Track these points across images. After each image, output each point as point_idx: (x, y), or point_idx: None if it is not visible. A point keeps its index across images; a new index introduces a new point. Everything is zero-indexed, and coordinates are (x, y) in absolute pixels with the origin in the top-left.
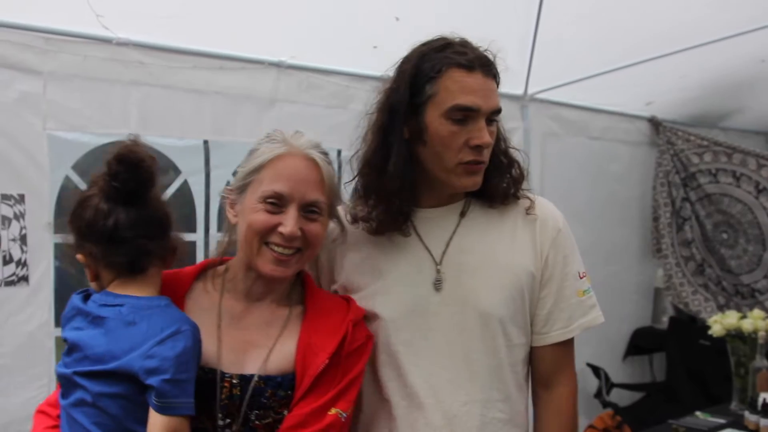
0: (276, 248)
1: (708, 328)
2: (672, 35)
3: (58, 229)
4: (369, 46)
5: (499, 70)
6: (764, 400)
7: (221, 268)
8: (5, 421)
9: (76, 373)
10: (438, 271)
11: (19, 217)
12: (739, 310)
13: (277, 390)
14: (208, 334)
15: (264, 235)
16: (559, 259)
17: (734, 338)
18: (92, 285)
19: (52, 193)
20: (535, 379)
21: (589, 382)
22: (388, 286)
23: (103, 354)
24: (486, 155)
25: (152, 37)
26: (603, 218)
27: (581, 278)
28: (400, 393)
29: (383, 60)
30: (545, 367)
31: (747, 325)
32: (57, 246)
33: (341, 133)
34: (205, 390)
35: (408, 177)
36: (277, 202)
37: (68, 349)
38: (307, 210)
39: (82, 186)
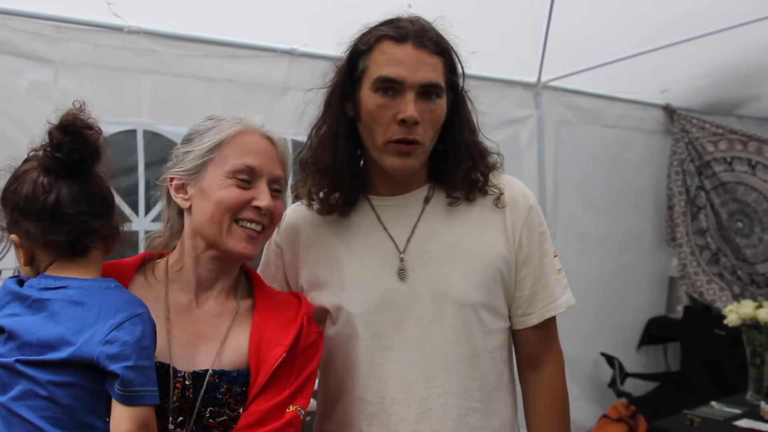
0: (248, 224)
1: (723, 317)
2: (687, 22)
3: None
4: None
5: (454, 47)
6: None
7: (162, 260)
8: None
9: (18, 361)
10: (401, 260)
11: None
12: (754, 299)
13: (232, 386)
14: (157, 327)
15: (236, 211)
16: (535, 238)
17: (750, 328)
18: (24, 270)
19: None
20: (521, 362)
21: (603, 372)
22: (353, 279)
23: (49, 339)
24: (420, 134)
25: (163, 25)
26: (617, 207)
27: (555, 257)
28: (372, 389)
29: None
30: (531, 348)
31: (763, 314)
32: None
33: None
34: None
35: (339, 152)
36: (247, 178)
37: (5, 337)
38: (272, 187)
39: None
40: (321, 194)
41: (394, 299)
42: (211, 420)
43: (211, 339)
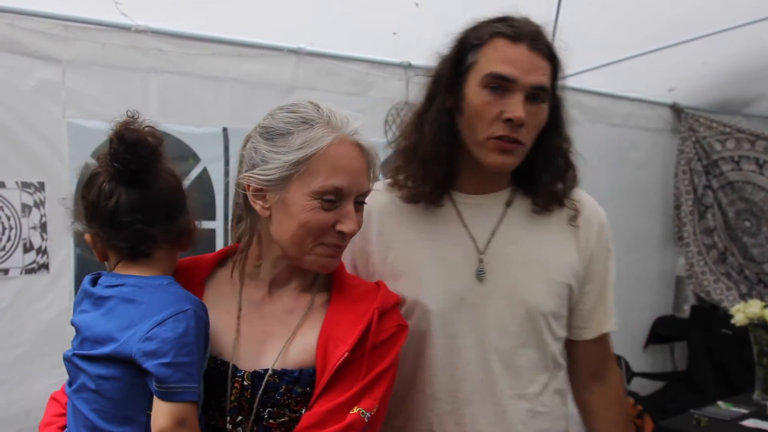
0: (331, 246)
1: (730, 317)
2: (694, 21)
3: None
4: (388, 33)
5: (560, 55)
6: None
7: (240, 254)
8: (26, 408)
9: (76, 355)
10: (480, 261)
11: (39, 205)
12: (761, 298)
13: (293, 386)
14: (226, 324)
15: (320, 236)
16: (603, 254)
17: (757, 327)
18: (106, 265)
19: (72, 180)
20: (585, 374)
21: None
22: (432, 275)
23: (101, 335)
24: (523, 135)
25: (171, 25)
26: (624, 206)
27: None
28: (446, 388)
29: (402, 47)
30: (593, 359)
31: None
32: (77, 233)
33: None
34: (216, 385)
35: (443, 145)
36: (334, 198)
37: (76, 333)
38: (357, 200)
39: None
40: (411, 182)
41: (471, 300)
42: (271, 420)
43: (279, 337)
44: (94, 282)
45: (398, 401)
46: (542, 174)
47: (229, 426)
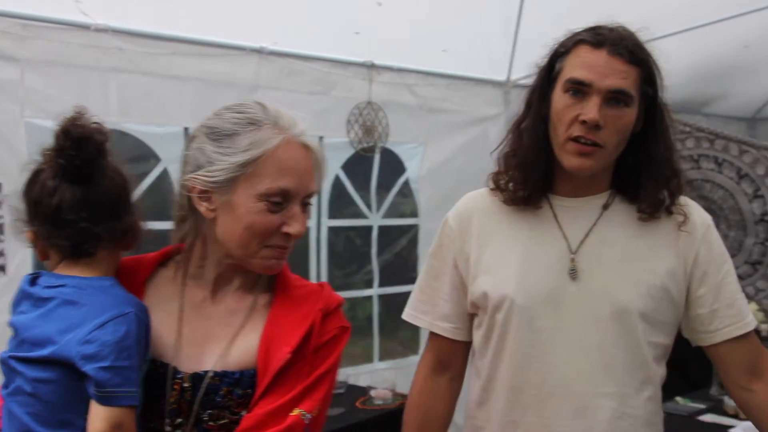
0: (277, 248)
1: None
2: (656, 21)
3: None
4: (351, 32)
5: (652, 62)
6: None
7: (180, 255)
8: None
9: (12, 357)
10: (572, 260)
11: None
12: None
13: (234, 388)
14: (167, 325)
15: (266, 238)
16: (715, 256)
17: None
18: (46, 264)
19: None
20: (736, 374)
21: None
22: (523, 271)
23: (39, 337)
24: (601, 137)
25: (131, 23)
26: None
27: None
28: (530, 381)
29: (365, 46)
30: (742, 358)
31: None
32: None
33: (323, 119)
34: (155, 387)
35: (539, 150)
36: (281, 201)
37: (14, 334)
38: (303, 201)
39: None
40: (511, 185)
41: (561, 297)
42: (210, 423)
43: (220, 338)
44: (33, 282)
45: (484, 390)
46: (646, 181)
47: (168, 428)
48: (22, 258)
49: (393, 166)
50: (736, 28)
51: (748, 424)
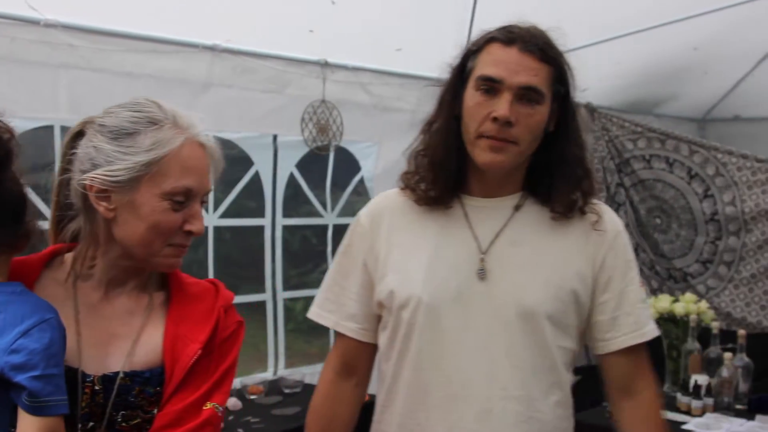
0: (178, 246)
1: None
2: (609, 23)
3: None
4: (305, 30)
5: (562, 60)
6: (696, 381)
7: (70, 255)
8: None
9: None
10: (481, 260)
11: None
12: (671, 293)
13: (145, 387)
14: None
15: (170, 237)
16: (620, 263)
17: (667, 322)
18: None
19: None
20: (613, 390)
21: None
22: (431, 270)
23: None
24: (513, 134)
25: (82, 19)
26: None
27: (640, 286)
28: (435, 381)
29: (319, 44)
30: (621, 374)
31: (679, 308)
32: None
33: (277, 117)
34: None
35: (451, 149)
36: (183, 200)
37: None
38: (201, 201)
39: None
40: (423, 185)
41: (469, 297)
42: (123, 424)
43: (123, 338)
44: None
45: (389, 392)
46: (558, 181)
47: None
48: None
49: (348, 164)
50: (685, 31)
51: (701, 420)
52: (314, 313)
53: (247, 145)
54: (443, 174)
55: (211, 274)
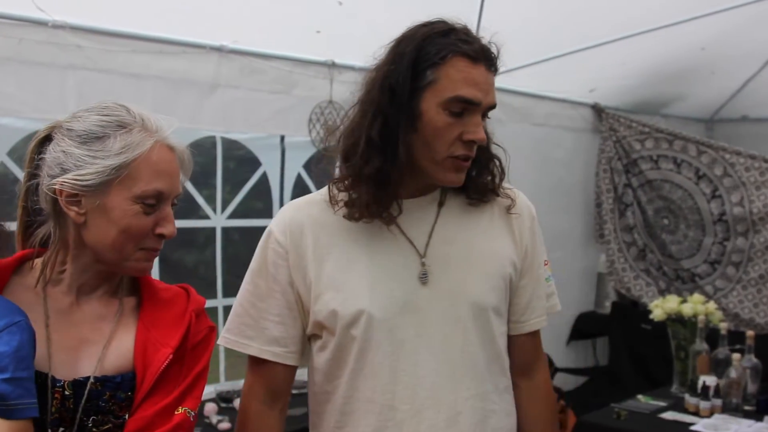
0: (149, 250)
1: (649, 312)
2: (616, 23)
3: None
4: (312, 31)
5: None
6: (704, 382)
7: (40, 260)
8: None
9: None
10: (423, 264)
11: None
12: (679, 294)
13: (116, 392)
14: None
15: (141, 240)
16: (537, 248)
17: (674, 322)
18: None
19: None
20: (515, 369)
21: None
22: (375, 283)
23: None
24: (474, 151)
25: (89, 20)
26: (547, 204)
27: (545, 265)
28: (400, 396)
29: (326, 45)
30: (525, 355)
31: (687, 309)
32: None
33: (285, 118)
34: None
35: (392, 165)
36: (154, 203)
37: None
38: (172, 204)
39: (18, 172)
40: (355, 206)
41: (416, 303)
42: (94, 429)
43: (93, 343)
44: None
45: (344, 413)
46: (471, 170)
47: None
48: None
49: None
50: (693, 31)
51: (710, 421)
52: (229, 341)
53: (255, 146)
54: (381, 194)
55: (218, 275)
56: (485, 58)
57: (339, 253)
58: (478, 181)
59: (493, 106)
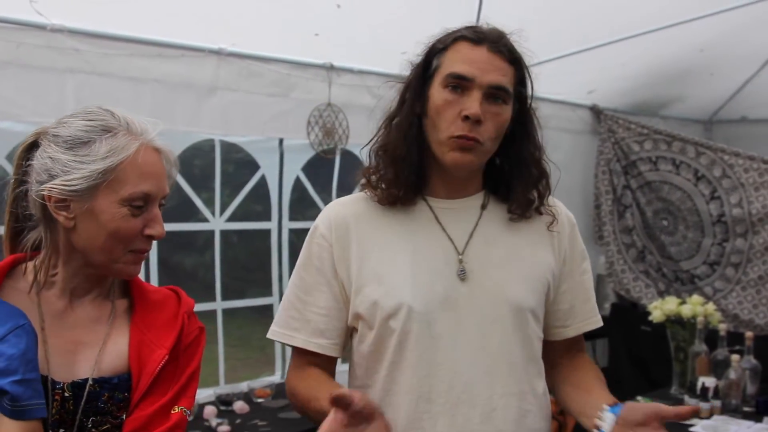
0: (138, 252)
1: (649, 314)
2: (615, 24)
3: None
4: (310, 34)
5: (526, 61)
6: (703, 383)
7: (32, 264)
8: None
9: None
10: (460, 261)
11: None
12: (678, 296)
13: (113, 393)
14: None
15: (130, 242)
16: (577, 254)
17: (674, 324)
18: None
19: None
20: (556, 368)
21: None
22: (415, 276)
23: None
24: (481, 133)
25: (88, 24)
26: None
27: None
28: (437, 389)
29: (325, 48)
30: (568, 355)
31: (686, 310)
32: None
33: (283, 121)
34: None
35: (412, 146)
36: (142, 204)
37: None
38: (159, 203)
39: None
40: (384, 184)
41: (456, 300)
42: (94, 430)
43: (89, 345)
44: None
45: (384, 406)
46: (516, 182)
47: None
48: None
49: (353, 167)
50: (691, 32)
51: (709, 422)
52: (276, 333)
53: (253, 149)
54: (405, 170)
55: (217, 278)
56: (490, 40)
57: (382, 246)
58: (523, 196)
59: (497, 87)
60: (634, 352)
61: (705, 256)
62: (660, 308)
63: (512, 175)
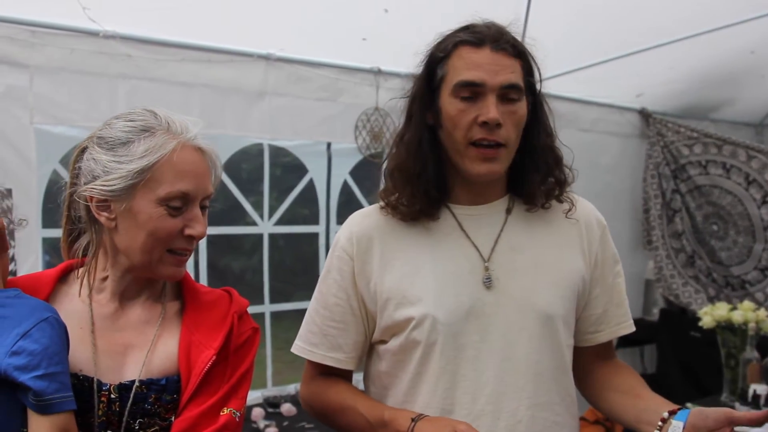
0: (179, 252)
1: (698, 319)
2: (663, 27)
3: (46, 223)
4: (358, 38)
5: (532, 50)
6: (755, 391)
7: (83, 269)
8: None
9: None
10: (486, 269)
11: (7, 212)
12: (729, 301)
13: (161, 394)
14: (81, 339)
15: (170, 243)
16: (609, 256)
17: (724, 330)
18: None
19: (40, 187)
20: (593, 365)
21: None
22: (439, 287)
23: None
24: (502, 136)
25: (139, 30)
26: None
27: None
28: (459, 401)
29: (372, 52)
30: (601, 359)
31: (737, 316)
32: (45, 240)
33: (331, 125)
34: (80, 401)
35: (427, 160)
36: (180, 205)
37: None
38: (202, 203)
39: None
40: (405, 201)
41: (481, 308)
42: (141, 431)
43: (139, 347)
44: None
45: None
46: (531, 172)
47: None
48: (33, 263)
49: None
50: (742, 34)
51: (761, 430)
52: (299, 349)
53: (301, 153)
54: (422, 186)
55: (265, 281)
56: (492, 40)
57: (405, 258)
58: (539, 185)
59: (510, 86)
60: (684, 359)
61: (756, 261)
62: (710, 314)
63: (527, 165)
